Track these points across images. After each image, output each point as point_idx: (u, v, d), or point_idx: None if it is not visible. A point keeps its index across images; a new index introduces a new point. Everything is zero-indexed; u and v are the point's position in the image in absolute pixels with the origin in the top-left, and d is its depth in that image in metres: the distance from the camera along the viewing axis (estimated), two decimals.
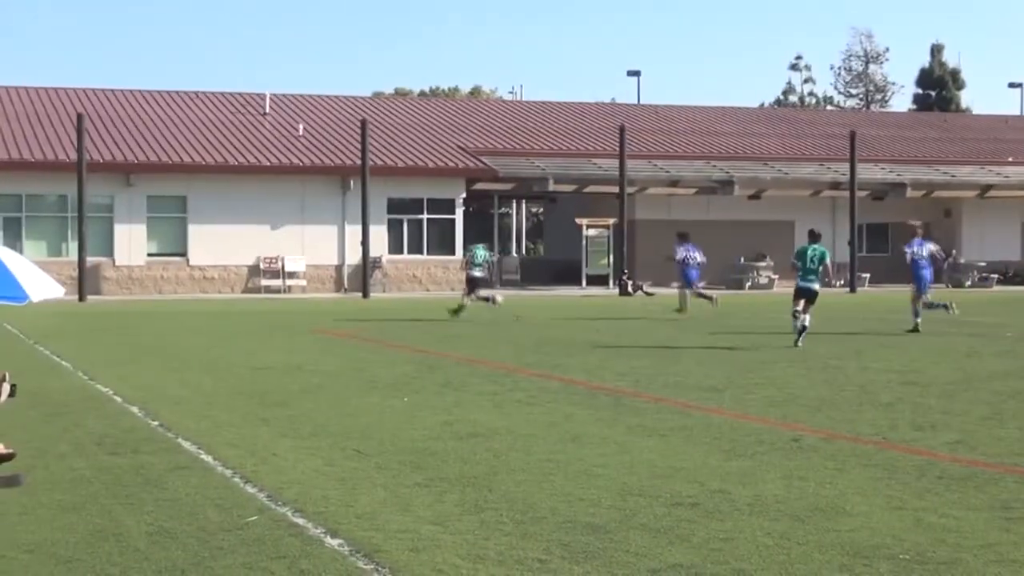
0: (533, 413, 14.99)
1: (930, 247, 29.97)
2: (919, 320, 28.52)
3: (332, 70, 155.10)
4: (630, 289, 51.36)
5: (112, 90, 62.99)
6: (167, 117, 58.94)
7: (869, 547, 8.36)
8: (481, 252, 35.61)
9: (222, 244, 52.39)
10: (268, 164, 53.69)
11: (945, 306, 30.05)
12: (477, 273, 35.26)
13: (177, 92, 64.07)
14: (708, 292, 37.10)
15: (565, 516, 9.30)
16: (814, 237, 26.97)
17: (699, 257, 36.48)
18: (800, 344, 24.63)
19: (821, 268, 26.34)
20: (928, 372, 19.67)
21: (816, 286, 26.00)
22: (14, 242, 46.99)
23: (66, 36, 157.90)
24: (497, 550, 8.33)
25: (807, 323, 25.16)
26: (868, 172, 61.05)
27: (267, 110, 61.42)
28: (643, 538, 8.61)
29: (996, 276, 61.70)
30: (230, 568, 7.94)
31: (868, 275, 59.60)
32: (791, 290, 27.08)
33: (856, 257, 57.31)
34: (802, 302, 25.52)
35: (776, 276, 58.72)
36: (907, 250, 29.62)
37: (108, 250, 51.64)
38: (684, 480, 10.66)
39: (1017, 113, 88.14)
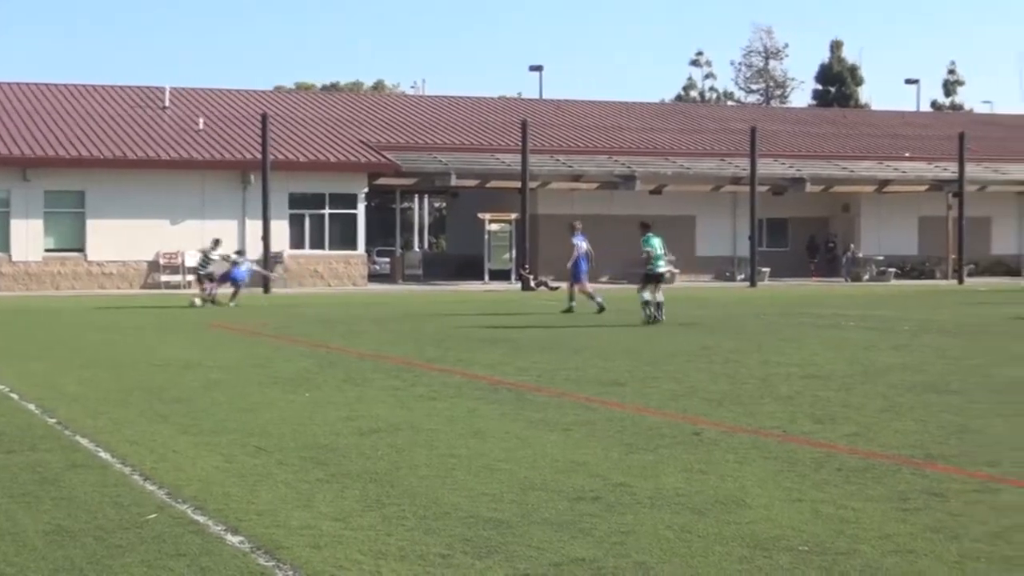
0: (435, 408, 14.96)
1: (587, 244, 35.13)
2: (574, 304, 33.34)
3: (233, 64, 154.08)
4: (532, 284, 51.46)
5: (8, 83, 62.13)
6: (65, 111, 58.25)
7: (769, 539, 8.42)
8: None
9: (121, 239, 51.85)
10: (168, 158, 53.20)
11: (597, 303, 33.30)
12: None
13: (75, 85, 63.36)
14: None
15: (467, 511, 9.29)
16: (648, 227, 30.39)
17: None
18: (662, 317, 28.47)
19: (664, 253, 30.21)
20: (827, 365, 19.86)
21: (664, 270, 30.33)
22: None
23: None
24: (399, 546, 8.31)
25: (661, 298, 29.15)
26: (768, 167, 61.61)
27: (167, 104, 60.89)
28: (545, 532, 8.62)
29: (894, 270, 62.49)
30: (129, 566, 7.85)
31: (768, 269, 60.18)
32: (692, 284, 27.94)
33: (756, 252, 57.80)
34: (652, 286, 29.22)
35: (678, 271, 59.11)
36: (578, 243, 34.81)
37: (4, 245, 50.97)
38: (586, 474, 10.69)
39: (914, 109, 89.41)
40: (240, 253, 41.75)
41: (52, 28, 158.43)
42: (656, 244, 29.59)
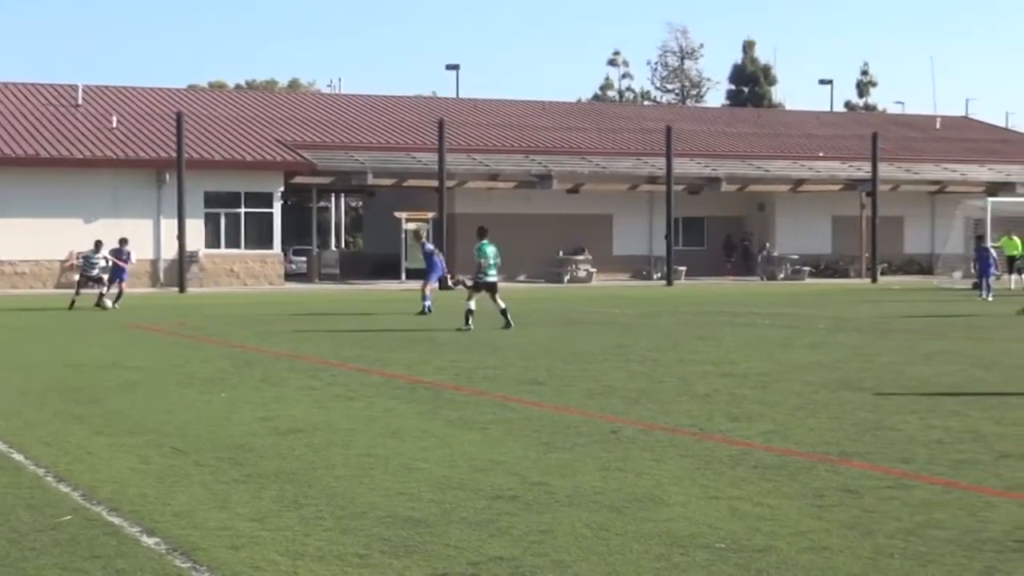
0: (352, 408, 14.93)
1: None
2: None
3: (146, 62, 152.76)
4: (450, 283, 51.42)
5: None
6: None
7: (686, 536, 8.47)
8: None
9: (33, 238, 51.25)
10: (81, 157, 52.65)
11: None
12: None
13: None
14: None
15: (385, 510, 9.27)
16: (483, 233, 29.47)
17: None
18: (511, 320, 27.73)
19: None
20: (743, 363, 20.00)
21: (496, 278, 28.78)
22: None
23: None
24: (317, 546, 8.28)
25: (503, 305, 28.16)
26: (684, 167, 61.92)
27: (79, 102, 60.28)
28: (464, 531, 8.63)
29: (808, 269, 63.02)
30: (43, 569, 7.77)
31: (684, 268, 60.51)
32: (610, 283, 27.85)
33: (672, 250, 58.09)
34: (484, 294, 28.31)
35: (595, 270, 59.29)
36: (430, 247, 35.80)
37: None
38: (504, 473, 10.70)
39: (827, 109, 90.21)
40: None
41: None
42: (490, 253, 28.80)
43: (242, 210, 54.79)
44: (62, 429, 13.35)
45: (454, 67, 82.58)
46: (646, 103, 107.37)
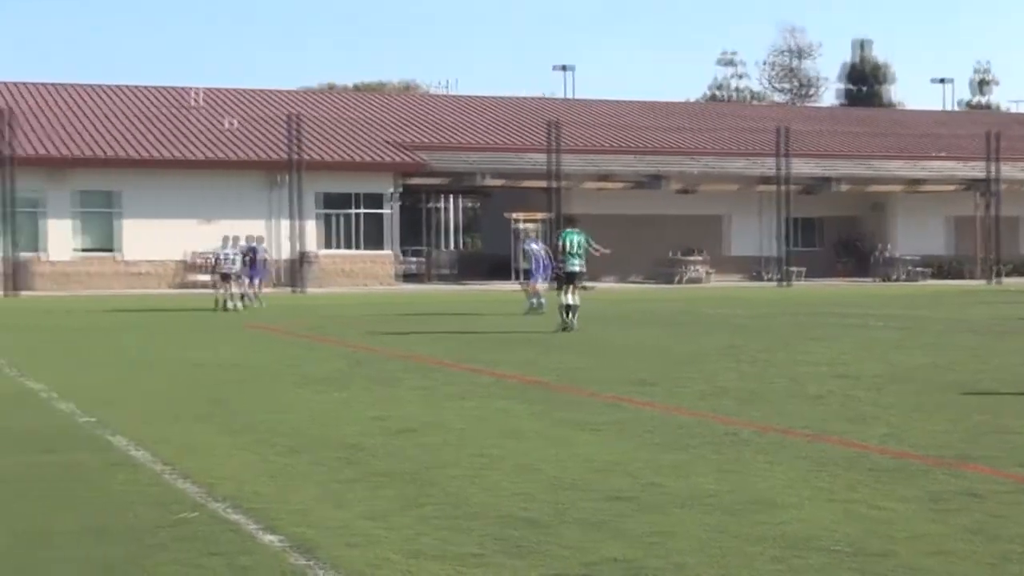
0: (465, 408, 14.99)
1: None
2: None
3: (261, 65, 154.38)
4: None
5: (42, 84, 62.39)
6: (97, 112, 58.45)
7: (801, 539, 8.42)
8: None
9: (152, 239, 52.01)
10: (198, 159, 53.36)
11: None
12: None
13: (106, 86, 63.55)
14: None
15: (500, 511, 9.30)
16: (571, 222, 28.72)
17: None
18: (575, 324, 26.53)
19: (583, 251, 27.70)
20: (857, 365, 19.81)
21: (579, 267, 27.44)
22: None
23: None
24: (432, 545, 8.33)
25: (576, 301, 26.87)
26: (798, 167, 61.44)
27: (196, 104, 61.01)
28: (579, 532, 8.63)
29: (927, 270, 62.21)
30: (165, 565, 7.89)
31: (800, 269, 60.00)
32: (724, 284, 27.60)
33: (786, 251, 57.68)
34: (569, 287, 27.14)
35: (709, 270, 59.02)
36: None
37: (38, 245, 51.19)
38: (618, 474, 10.69)
39: (944, 108, 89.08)
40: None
41: (85, 29, 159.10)
42: (573, 240, 27.30)
43: (356, 211, 55.20)
44: (183, 427, 13.54)
45: (566, 68, 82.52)
46: (758, 103, 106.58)
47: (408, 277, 60.43)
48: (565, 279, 27.31)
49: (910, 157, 67.85)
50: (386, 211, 55.55)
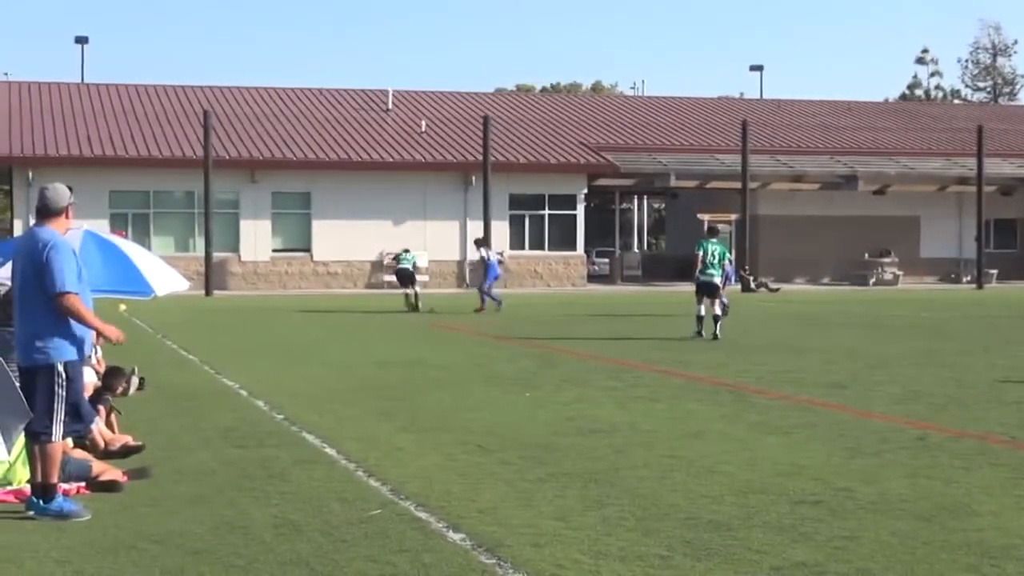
0: (655, 409, 14.94)
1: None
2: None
3: (454, 66, 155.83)
4: (752, 285, 51.06)
5: (238, 88, 63.76)
6: (291, 114, 59.51)
7: (997, 548, 8.22)
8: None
9: (345, 240, 52.81)
10: (391, 160, 54.05)
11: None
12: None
13: (301, 89, 64.67)
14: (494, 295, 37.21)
15: (687, 513, 9.26)
16: (713, 232, 27.68)
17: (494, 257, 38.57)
18: (719, 334, 25.17)
19: (722, 264, 26.46)
20: None
21: (717, 279, 26.06)
22: (143, 238, 47.66)
23: (193, 34, 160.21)
24: (619, 546, 8.31)
25: (717, 311, 25.63)
26: (996, 167, 60.09)
27: (390, 107, 61.78)
28: (766, 535, 8.55)
29: None
30: (354, 561, 8.00)
31: (996, 271, 58.66)
32: (916, 286, 26.95)
33: (983, 253, 56.48)
34: (704, 299, 25.85)
35: (901, 272, 58.04)
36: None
37: (234, 246, 52.30)
38: (808, 478, 10.57)
39: None
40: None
41: (280, 34, 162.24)
42: (710, 250, 26.12)
43: (546, 212, 55.40)
44: (371, 425, 13.71)
45: (758, 68, 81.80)
46: (955, 102, 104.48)
47: (596, 278, 60.43)
48: (702, 290, 25.88)
49: None
50: (577, 212, 55.65)
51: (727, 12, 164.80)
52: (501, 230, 53.46)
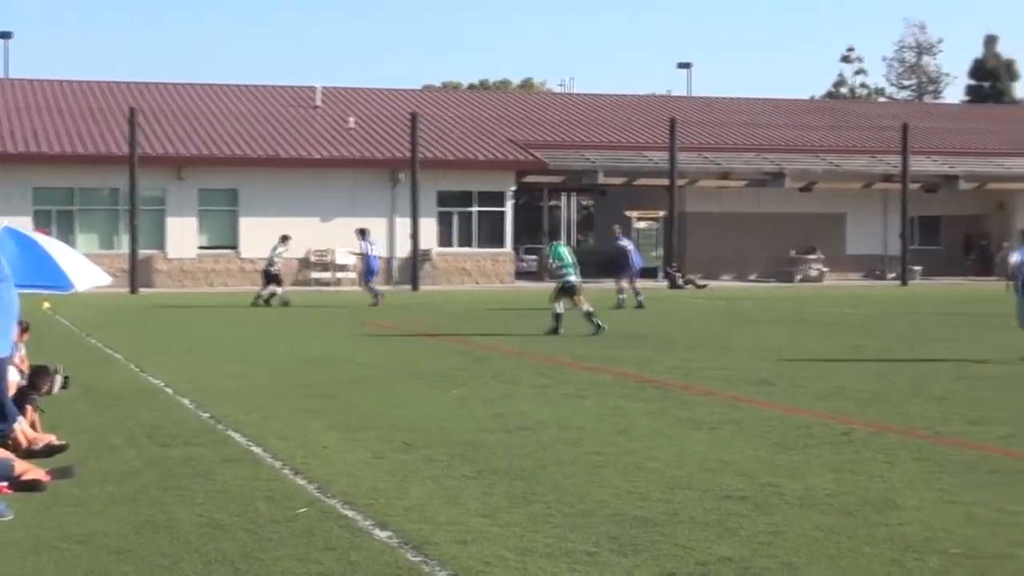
0: (582, 406, 14.97)
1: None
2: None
3: (382, 64, 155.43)
4: (680, 282, 51.26)
5: (164, 84, 63.26)
6: (218, 111, 59.14)
7: (920, 541, 8.30)
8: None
9: (273, 237, 52.41)
10: (319, 157, 53.83)
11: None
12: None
13: (228, 86, 64.29)
14: (378, 289, 38.64)
15: (614, 509, 9.28)
16: (555, 236, 28.73)
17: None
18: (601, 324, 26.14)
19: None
20: (980, 366, 19.52)
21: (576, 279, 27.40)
22: (67, 235, 47.10)
23: (117, 30, 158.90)
24: (545, 543, 8.32)
25: (589, 307, 26.72)
26: (920, 164, 60.62)
27: (318, 103, 61.53)
28: (692, 531, 8.59)
29: None
30: (280, 559, 7.97)
31: (920, 268, 59.19)
32: (842, 283, 27.17)
33: (908, 250, 56.98)
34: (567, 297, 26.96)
35: (827, 269, 58.44)
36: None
37: (160, 243, 51.91)
38: (734, 473, 10.63)
39: None
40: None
41: (205, 30, 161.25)
42: (563, 254, 27.63)
43: (474, 209, 55.38)
44: (298, 423, 13.65)
45: (686, 65, 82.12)
46: (881, 100, 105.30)
47: (525, 275, 60.45)
48: (566, 291, 27.02)
49: None
50: (505, 209, 55.66)
51: (655, 9, 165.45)
52: (429, 227, 53.38)
